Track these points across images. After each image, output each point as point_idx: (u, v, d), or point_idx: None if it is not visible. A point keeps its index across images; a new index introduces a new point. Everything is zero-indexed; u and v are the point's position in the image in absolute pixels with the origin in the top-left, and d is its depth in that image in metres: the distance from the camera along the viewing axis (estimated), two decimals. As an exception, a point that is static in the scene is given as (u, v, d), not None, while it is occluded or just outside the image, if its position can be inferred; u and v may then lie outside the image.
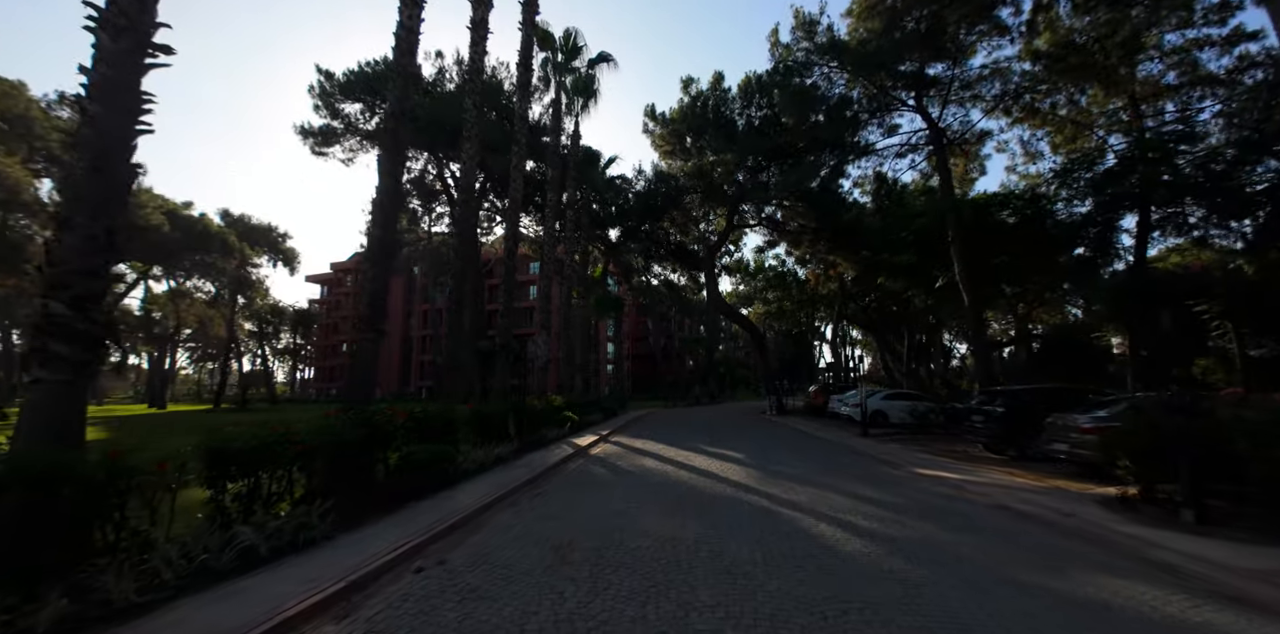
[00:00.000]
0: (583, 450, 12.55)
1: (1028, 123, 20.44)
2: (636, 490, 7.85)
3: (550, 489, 8.04)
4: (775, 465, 10.38)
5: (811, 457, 11.87)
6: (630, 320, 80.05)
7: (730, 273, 46.02)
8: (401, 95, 8.64)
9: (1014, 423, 11.54)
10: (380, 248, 8.28)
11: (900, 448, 13.41)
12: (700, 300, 63.27)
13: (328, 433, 6.69)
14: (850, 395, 22.77)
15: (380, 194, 8.41)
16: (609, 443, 14.51)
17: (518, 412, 12.71)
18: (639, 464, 10.47)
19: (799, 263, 34.87)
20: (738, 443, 14.39)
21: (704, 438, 15.70)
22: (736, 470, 9.68)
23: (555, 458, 10.77)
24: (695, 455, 11.70)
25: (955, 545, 5.29)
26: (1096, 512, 6.82)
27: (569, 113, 21.93)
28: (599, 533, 5.62)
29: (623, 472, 9.61)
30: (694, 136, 25.21)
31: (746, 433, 17.83)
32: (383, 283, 8.34)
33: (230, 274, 46.91)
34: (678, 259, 33.80)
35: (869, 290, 37.42)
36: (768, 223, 29.10)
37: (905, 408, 19.24)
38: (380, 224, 8.32)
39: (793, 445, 14.18)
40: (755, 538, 5.39)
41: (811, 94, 19.31)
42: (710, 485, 8.23)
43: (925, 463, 10.80)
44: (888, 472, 10.05)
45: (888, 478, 9.29)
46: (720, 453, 12.14)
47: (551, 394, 18.09)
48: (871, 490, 8.08)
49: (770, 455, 11.84)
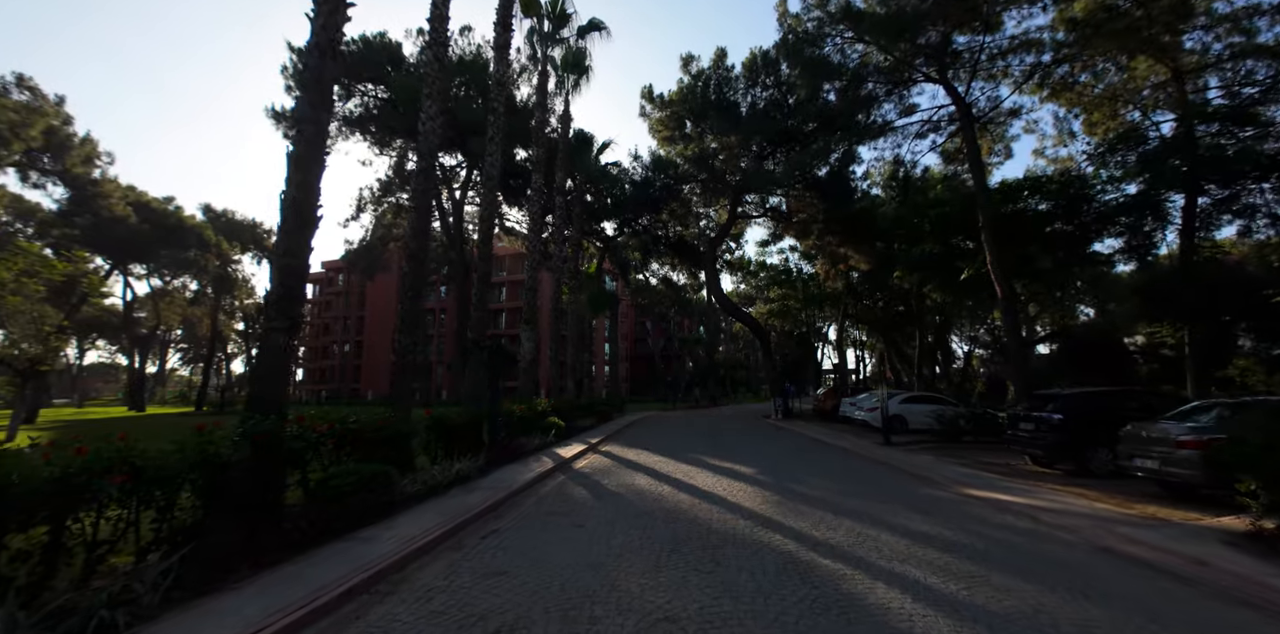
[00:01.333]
0: (565, 464, 10.74)
1: (1060, 100, 18.66)
2: (621, 525, 6.05)
3: (510, 525, 6.23)
4: (794, 484, 8.58)
5: (833, 471, 10.07)
6: (628, 321, 78.36)
7: (732, 270, 44.29)
8: (327, 22, 6.87)
9: (1074, 432, 9.76)
10: (295, 213, 6.49)
11: (933, 460, 11.63)
12: (700, 300, 61.52)
13: (199, 452, 4.91)
14: (864, 399, 20.99)
15: (298, 145, 6.64)
16: (598, 453, 12.71)
17: (490, 419, 10.91)
18: (629, 484, 8.67)
19: (805, 258, 33.06)
20: (745, 453, 12.59)
21: (706, 447, 13.91)
22: (748, 492, 7.88)
23: (529, 475, 8.97)
24: (697, 471, 9.90)
25: (1086, 627, 3.52)
26: (1234, 558, 5.08)
27: (559, 92, 20.18)
28: (559, 607, 3.83)
29: (607, 495, 7.80)
30: (695, 120, 23.43)
31: (753, 441, 16.03)
32: (300, 259, 6.55)
33: (212, 272, 45.12)
34: (677, 253, 32.03)
35: (877, 288, 35.67)
36: (772, 214, 27.31)
37: (927, 413, 17.46)
38: (296, 183, 6.53)
39: (809, 457, 12.38)
40: (792, 620, 3.59)
41: (826, 63, 17.52)
42: (717, 516, 6.43)
43: (971, 480, 9.02)
44: (931, 493, 8.25)
45: (936, 502, 7.50)
46: (727, 467, 10.34)
47: (538, 397, 16.30)
48: (924, 522, 6.28)
49: (785, 470, 10.04)
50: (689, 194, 27.29)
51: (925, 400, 18.41)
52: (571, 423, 17.34)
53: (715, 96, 22.38)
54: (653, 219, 29.50)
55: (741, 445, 14.51)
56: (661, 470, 9.94)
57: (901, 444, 14.55)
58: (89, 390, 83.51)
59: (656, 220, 29.64)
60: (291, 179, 6.65)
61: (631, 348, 78.85)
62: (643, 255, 33.69)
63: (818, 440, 15.99)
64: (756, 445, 14.63)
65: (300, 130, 6.75)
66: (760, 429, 20.71)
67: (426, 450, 9.44)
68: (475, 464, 9.15)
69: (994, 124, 19.32)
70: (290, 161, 6.68)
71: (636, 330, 79.68)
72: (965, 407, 16.49)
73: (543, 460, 10.72)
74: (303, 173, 6.66)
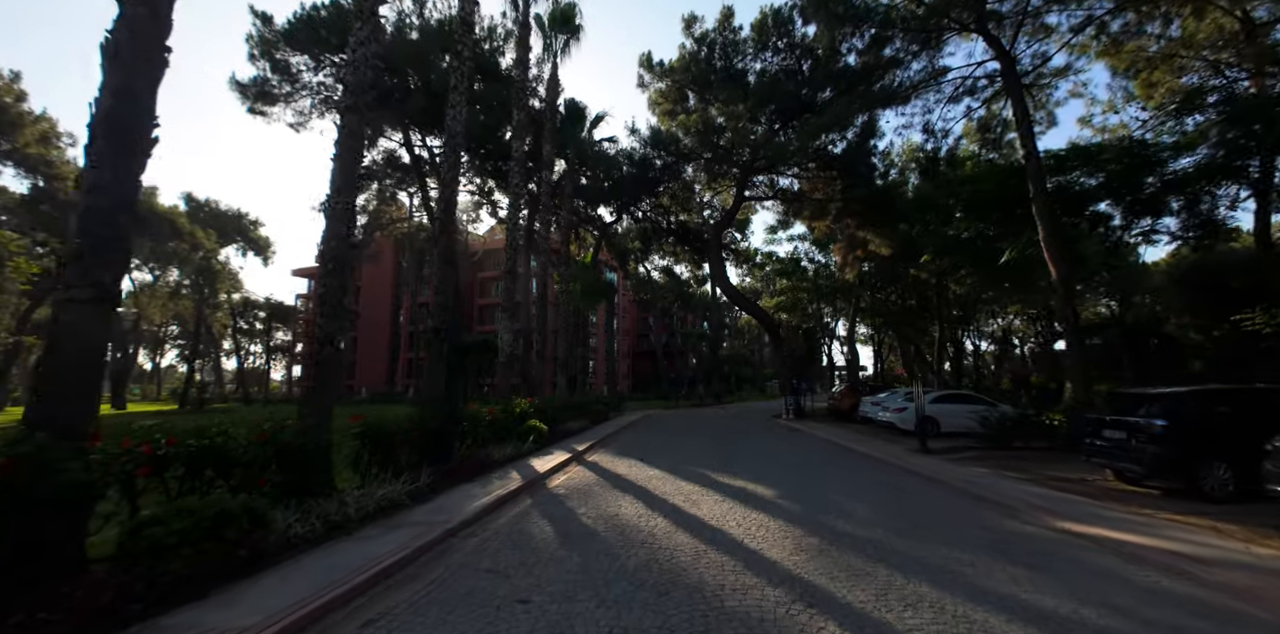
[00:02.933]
0: (538, 481, 8.65)
1: (1114, 58, 16.39)
2: (587, 601, 3.94)
3: (418, 597, 4.12)
4: (830, 514, 6.46)
5: (874, 492, 7.94)
6: (630, 316, 76.37)
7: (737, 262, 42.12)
8: None
9: (1183, 444, 7.63)
10: (111, 131, 4.40)
11: (990, 474, 9.51)
12: (704, 295, 59.28)
13: None
14: (887, 398, 18.84)
15: (119, 33, 4.54)
16: (582, 465, 10.61)
17: (444, 424, 8.83)
18: (612, 514, 6.56)
19: (817, 245, 30.77)
20: (760, 465, 10.47)
21: (714, 455, 11.79)
22: (772, 531, 5.76)
23: (483, 500, 6.89)
24: (702, 492, 7.79)
25: None
26: None
27: (546, 57, 18.03)
28: None
29: (579, 536, 5.71)
30: (699, 91, 21.18)
31: (767, 446, 13.91)
32: (118, 198, 4.47)
33: (195, 264, 43.16)
34: (680, 241, 29.81)
35: (891, 280, 33.43)
36: (783, 196, 25.05)
37: (962, 414, 15.36)
38: (115, 88, 4.44)
39: (837, 469, 10.25)
40: None
41: (849, 7, 15.24)
42: (734, 581, 4.32)
43: (1056, 506, 6.92)
44: (1018, 528, 6.14)
45: (1032, 546, 5.38)
46: (739, 486, 8.22)
47: (519, 397, 14.22)
48: (1038, 588, 4.18)
49: (814, 490, 7.92)
50: (693, 174, 25.07)
51: (959, 400, 16.26)
52: (558, 426, 15.27)
53: (721, 63, 20.11)
54: (653, 204, 27.31)
55: (754, 453, 12.39)
56: (657, 491, 7.83)
57: (941, 452, 12.44)
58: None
59: (657, 205, 27.45)
60: (109, 83, 4.55)
61: (634, 344, 76.90)
62: (643, 244, 31.48)
63: (841, 446, 13.87)
64: (772, 453, 12.51)
65: (125, 13, 4.64)
66: (772, 431, 18.58)
67: (357, 466, 7.38)
68: (415, 485, 7.07)
69: (1037, 88, 17.06)
70: (107, 58, 4.57)
71: (639, 326, 77.71)
72: (1012, 406, 14.35)
73: (510, 476, 8.63)
74: (125, 74, 4.56)
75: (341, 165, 7.31)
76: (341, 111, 7.56)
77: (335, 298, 7.06)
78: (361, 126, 7.62)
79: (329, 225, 7.29)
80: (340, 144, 7.44)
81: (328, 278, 7.12)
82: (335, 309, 7.05)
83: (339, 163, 7.38)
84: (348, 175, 7.38)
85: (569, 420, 16.61)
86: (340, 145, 7.44)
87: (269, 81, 21.78)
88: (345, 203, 7.27)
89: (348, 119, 7.53)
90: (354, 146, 7.35)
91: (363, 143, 7.71)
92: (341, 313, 7.05)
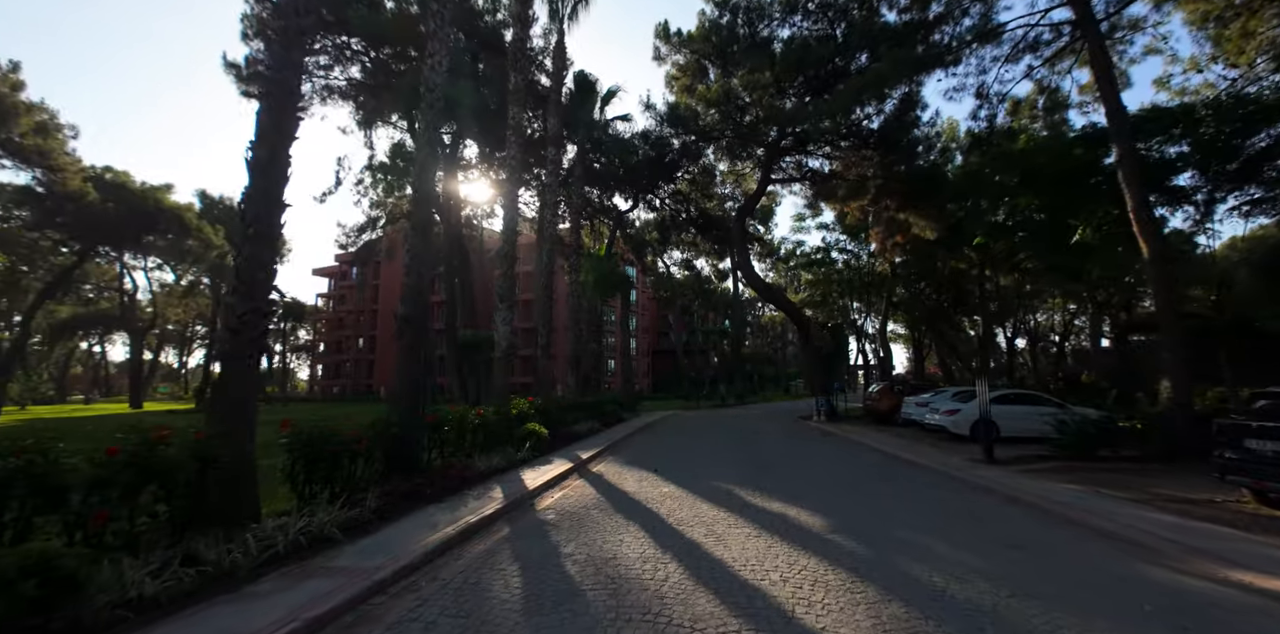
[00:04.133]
0: (524, 501, 7.01)
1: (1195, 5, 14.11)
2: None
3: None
4: (906, 560, 4.67)
5: (955, 524, 6.11)
6: (649, 314, 74.76)
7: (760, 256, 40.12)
8: None
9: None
10: None
11: (1083, 492, 7.58)
12: (725, 292, 57.26)
13: None
14: (934, 398, 16.81)
15: None
16: (584, 478, 8.95)
17: (404, 431, 7.26)
18: (608, 558, 4.87)
19: (849, 232, 28.60)
20: (799, 481, 8.67)
21: (740, 466, 10.03)
22: (833, 592, 4.00)
23: (440, 534, 5.27)
24: (730, 522, 6.06)
25: None
26: None
27: (553, 25, 16.44)
28: None
29: (555, 597, 4.03)
30: (721, 63, 19.33)
31: (804, 454, 12.08)
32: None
33: (209, 261, 42.76)
34: (700, 231, 27.95)
35: (930, 272, 31.14)
36: (813, 177, 23.04)
37: (1027, 416, 13.40)
38: None
39: (895, 488, 8.40)
40: None
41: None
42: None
43: (1197, 542, 5.05)
44: (1174, 581, 4.30)
45: (1209, 614, 3.56)
46: (777, 511, 6.47)
47: (516, 397, 12.65)
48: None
49: (875, 522, 6.11)
50: (715, 157, 23.24)
51: (1021, 400, 14.21)
52: (563, 429, 13.67)
53: (745, 30, 18.20)
54: (671, 191, 25.52)
55: (788, 463, 10.59)
56: (670, 518, 6.13)
57: (1009, 461, 10.51)
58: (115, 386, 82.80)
59: (676, 192, 25.66)
60: None
61: (653, 342, 75.33)
62: (661, 235, 29.69)
63: (888, 455, 11.97)
64: (808, 464, 10.70)
65: None
66: (805, 436, 16.72)
67: (294, 484, 5.83)
68: (357, 510, 5.50)
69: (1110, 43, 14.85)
70: None
71: (659, 325, 76.06)
72: (1097, 409, 12.34)
73: (491, 494, 7.02)
74: None
75: (268, 111, 5.79)
76: (267, 45, 6.04)
77: (248, 275, 5.51)
78: (300, 57, 6.09)
79: (254, 181, 5.76)
80: (267, 75, 5.92)
81: (247, 246, 5.57)
82: (250, 289, 5.49)
83: (265, 101, 5.85)
84: (283, 116, 5.84)
85: (577, 422, 14.99)
86: (266, 75, 5.93)
87: (261, 62, 20.48)
88: (269, 154, 5.73)
89: (270, 52, 6.02)
90: (285, 88, 5.82)
91: (299, 77, 6.12)
92: (259, 290, 5.49)
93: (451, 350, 26.26)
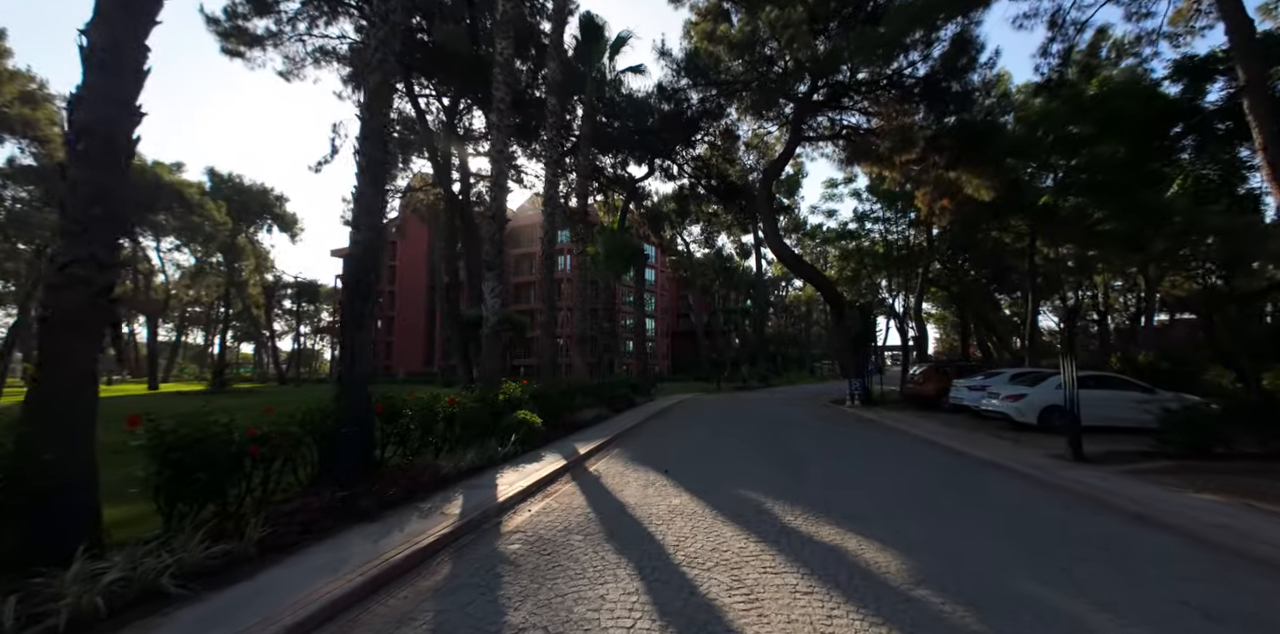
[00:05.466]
0: (485, 521, 5.34)
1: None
2: None
3: None
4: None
5: (1114, 575, 4.22)
6: (669, 294, 72.82)
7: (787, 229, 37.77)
8: None
9: None
10: None
11: (1230, 505, 5.67)
12: (747, 271, 54.87)
13: None
14: (993, 381, 14.75)
15: None
16: (576, 480, 7.27)
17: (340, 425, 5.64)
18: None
19: (886, 198, 26.11)
20: (850, 489, 6.86)
21: (771, 465, 8.25)
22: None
23: (337, 587, 3.60)
24: (768, 561, 4.30)
25: None
26: None
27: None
28: None
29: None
30: (746, 4, 16.99)
31: (848, 451, 10.21)
32: None
33: (220, 241, 41.95)
34: (723, 199, 25.76)
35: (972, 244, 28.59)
36: (847, 137, 20.64)
37: (1107, 402, 11.52)
38: None
39: (978, 499, 6.53)
40: None
41: None
42: None
43: None
44: None
45: None
46: (830, 545, 4.69)
47: (508, 380, 11.02)
48: None
49: (973, 563, 4.27)
50: (738, 116, 20.97)
51: (1101, 384, 12.17)
52: (565, 416, 12.04)
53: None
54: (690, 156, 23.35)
55: (830, 462, 8.77)
56: (680, 553, 4.40)
57: (1102, 459, 8.61)
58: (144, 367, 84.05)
59: (695, 157, 23.48)
60: None
61: (674, 323, 73.60)
62: (679, 206, 27.57)
63: (948, 449, 10.07)
64: (853, 462, 8.87)
65: None
66: (841, 424, 14.86)
67: (159, 503, 4.22)
68: (233, 545, 3.88)
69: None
70: None
71: (679, 305, 74.16)
72: (1176, 395, 10.33)
73: (446, 509, 5.37)
74: None
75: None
76: None
77: (81, 205, 3.84)
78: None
79: (86, 77, 4.06)
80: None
81: (75, 167, 3.91)
82: (83, 224, 3.83)
83: None
84: None
85: (582, 408, 13.36)
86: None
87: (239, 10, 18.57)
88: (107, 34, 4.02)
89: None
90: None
91: None
92: (97, 230, 3.85)
93: (457, 331, 24.91)
